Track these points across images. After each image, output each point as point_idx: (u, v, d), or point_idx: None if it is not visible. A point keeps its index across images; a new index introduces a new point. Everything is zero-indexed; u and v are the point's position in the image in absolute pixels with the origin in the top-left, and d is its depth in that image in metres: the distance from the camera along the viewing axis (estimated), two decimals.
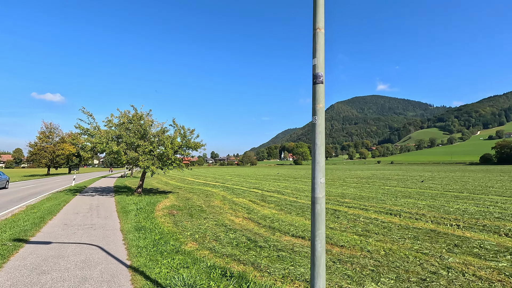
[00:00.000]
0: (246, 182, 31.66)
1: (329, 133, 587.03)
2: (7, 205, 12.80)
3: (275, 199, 16.79)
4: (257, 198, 17.04)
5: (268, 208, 13.60)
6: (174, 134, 17.45)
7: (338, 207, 13.44)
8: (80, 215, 10.14)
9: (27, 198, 16.12)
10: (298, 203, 14.87)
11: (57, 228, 7.99)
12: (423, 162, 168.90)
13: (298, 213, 12.11)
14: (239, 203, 15.30)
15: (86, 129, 15.76)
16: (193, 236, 7.61)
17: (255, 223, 10.05)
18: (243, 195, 18.58)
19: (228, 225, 9.46)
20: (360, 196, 17.53)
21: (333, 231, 8.86)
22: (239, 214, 11.89)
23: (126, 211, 11.10)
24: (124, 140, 15.53)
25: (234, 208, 13.42)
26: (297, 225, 9.68)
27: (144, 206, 12.56)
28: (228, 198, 17.41)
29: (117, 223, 8.89)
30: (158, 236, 7.15)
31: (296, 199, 16.83)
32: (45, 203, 13.15)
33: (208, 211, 12.57)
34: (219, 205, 14.69)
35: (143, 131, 16.02)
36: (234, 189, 23.11)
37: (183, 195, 18.80)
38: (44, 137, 62.56)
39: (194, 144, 17.88)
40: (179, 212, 11.93)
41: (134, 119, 16.21)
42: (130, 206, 12.31)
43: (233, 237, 7.76)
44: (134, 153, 15.23)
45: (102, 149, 14.74)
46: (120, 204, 13.32)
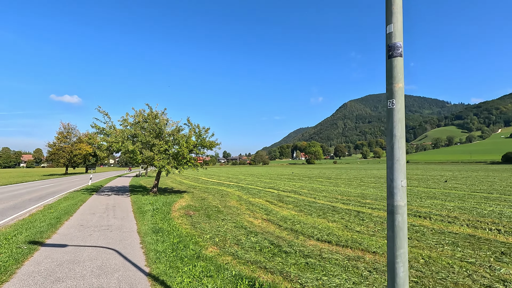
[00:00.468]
0: (261, 181, 31.19)
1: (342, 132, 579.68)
2: (26, 205, 12.82)
3: (292, 199, 16.23)
4: (274, 198, 16.54)
5: (287, 209, 13.07)
6: (189, 133, 17.17)
7: (361, 209, 12.77)
8: (96, 216, 9.94)
9: (45, 197, 16.21)
10: (317, 204, 14.26)
11: (73, 229, 7.76)
12: (441, 161, 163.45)
13: (319, 214, 11.53)
14: (256, 203, 14.84)
15: (102, 128, 15.68)
16: (213, 239, 7.19)
17: (275, 226, 9.55)
18: (259, 195, 18.12)
19: (248, 227, 9.01)
20: (382, 196, 16.72)
21: (361, 235, 8.25)
22: (258, 215, 11.43)
23: (142, 212, 10.83)
24: (139, 139, 15.35)
25: (252, 209, 12.96)
26: (320, 228, 9.11)
27: (160, 206, 12.28)
28: (244, 198, 16.98)
29: (133, 225, 8.60)
30: (177, 239, 6.77)
31: (314, 199, 16.22)
32: (62, 202, 13.11)
33: (225, 211, 12.17)
34: (235, 205, 14.28)
35: (158, 130, 15.79)
36: (249, 188, 22.68)
37: (198, 195, 18.52)
38: (62, 138, 64.16)
39: (209, 143, 17.55)
40: (195, 212, 11.58)
41: (149, 118, 16.02)
42: (146, 206, 12.06)
43: (255, 241, 7.29)
44: (150, 152, 15.01)
45: (117, 148, 14.59)
46: (136, 204, 13.12)
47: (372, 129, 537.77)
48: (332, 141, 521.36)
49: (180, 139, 16.02)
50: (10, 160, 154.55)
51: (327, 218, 10.82)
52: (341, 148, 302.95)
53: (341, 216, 11.13)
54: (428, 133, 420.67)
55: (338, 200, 15.74)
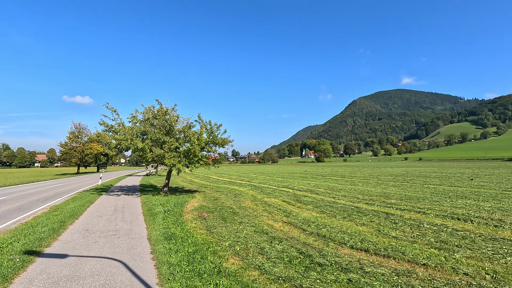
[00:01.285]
0: (273, 180, 30.24)
1: (352, 130, 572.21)
2: (32, 206, 12.23)
3: (310, 199, 15.24)
4: (290, 198, 15.57)
5: (307, 210, 12.10)
6: (200, 129, 16.33)
7: (389, 210, 11.68)
8: (103, 219, 9.19)
9: (53, 198, 15.68)
10: (338, 204, 13.24)
11: (77, 235, 6.99)
12: (455, 159, 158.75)
13: (344, 216, 10.52)
14: (272, 203, 13.91)
15: (111, 125, 15.00)
16: (233, 247, 6.29)
17: (299, 230, 8.60)
18: (274, 195, 17.18)
19: (269, 232, 8.08)
20: (407, 196, 15.54)
21: (400, 241, 7.22)
22: (277, 218, 10.50)
23: (153, 214, 10.04)
24: (149, 137, 14.61)
25: (269, 210, 12.04)
26: (350, 233, 8.12)
27: (172, 207, 11.48)
28: (258, 198, 16.07)
29: (143, 229, 7.79)
30: (192, 248, 5.90)
31: (333, 199, 15.19)
32: (70, 203, 12.47)
33: (241, 213, 11.28)
34: (251, 206, 13.39)
35: (169, 127, 15.00)
36: (263, 188, 21.77)
37: (210, 195, 17.72)
38: (74, 137, 64.63)
39: (221, 140, 16.68)
40: (210, 214, 10.73)
41: (159, 114, 15.24)
42: (157, 208, 11.28)
43: (280, 249, 6.36)
44: (160, 150, 14.23)
45: (126, 146, 13.89)
46: (146, 205, 12.37)
47: (383, 126, 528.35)
48: (342, 139, 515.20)
49: (191, 136, 15.20)
50: (25, 160, 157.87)
51: (354, 220, 9.81)
52: (351, 146, 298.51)
53: (369, 218, 10.10)
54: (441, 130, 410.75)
55: (360, 200, 14.67)
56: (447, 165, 76.32)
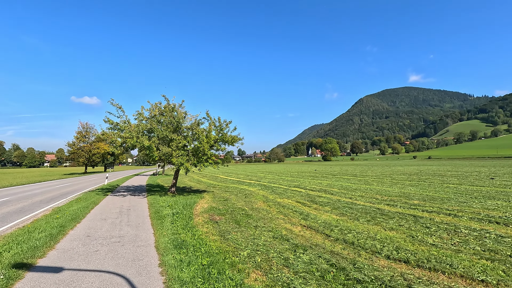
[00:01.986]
0: (282, 179, 29.37)
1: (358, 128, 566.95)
2: (34, 208, 11.62)
3: (326, 200, 14.35)
4: (304, 199, 14.71)
5: (325, 211, 11.22)
6: (209, 127, 15.54)
7: (414, 212, 10.75)
8: (107, 222, 8.47)
9: (57, 198, 15.10)
10: (358, 206, 12.33)
11: (77, 242, 6.26)
12: (465, 157, 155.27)
13: (367, 219, 9.62)
14: (285, 205, 13.07)
15: (116, 123, 14.32)
16: (253, 258, 5.47)
17: (321, 235, 7.73)
18: (286, 195, 16.33)
19: (290, 238, 7.24)
20: (430, 196, 14.54)
21: (441, 250, 6.31)
22: (294, 221, 9.65)
23: (160, 217, 9.29)
24: (156, 134, 13.89)
25: (284, 212, 11.19)
26: (380, 239, 7.23)
27: (181, 209, 10.73)
28: (270, 198, 15.24)
29: (150, 235, 7.02)
30: (207, 260, 5.10)
31: (351, 200, 14.27)
32: (73, 205, 11.82)
33: (255, 216, 10.46)
34: (263, 207, 12.57)
35: (176, 124, 14.25)
36: (273, 187, 20.93)
37: (220, 195, 16.96)
38: (81, 137, 64.68)
39: (231, 138, 15.88)
40: (221, 217, 9.94)
41: (166, 110, 14.50)
42: (165, 210, 10.53)
43: (307, 261, 5.52)
44: (167, 149, 13.50)
45: (132, 144, 13.19)
46: (153, 206, 11.64)
47: (390, 124, 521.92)
48: (348, 138, 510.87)
49: (200, 134, 14.43)
50: (35, 160, 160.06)
51: (381, 224, 8.90)
52: (358, 145, 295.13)
53: (397, 222, 9.18)
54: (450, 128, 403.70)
55: (379, 200, 13.73)
56: (459, 163, 74.35)
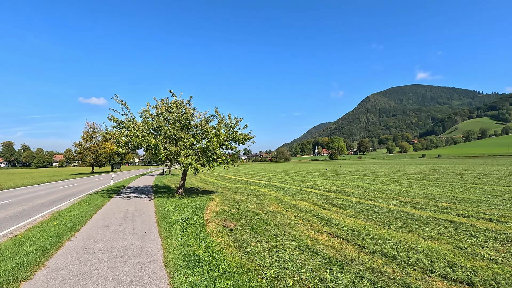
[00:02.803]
0: (292, 179, 28.33)
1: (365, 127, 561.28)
2: (33, 212, 10.82)
3: (345, 202, 13.30)
4: (321, 201, 13.68)
5: (348, 216, 10.18)
6: (218, 124, 14.59)
7: (449, 217, 9.64)
8: (110, 230, 7.58)
9: (60, 201, 14.34)
10: (382, 209, 11.26)
11: (72, 257, 5.36)
12: (475, 155, 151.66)
13: (399, 225, 8.56)
14: (302, 208, 12.07)
15: (120, 121, 13.48)
16: (283, 280, 4.49)
17: (353, 246, 6.71)
18: (301, 197, 15.32)
19: (318, 250, 6.24)
20: (459, 198, 13.37)
21: (503, 266, 5.25)
22: (317, 227, 8.65)
23: (169, 224, 8.37)
24: (163, 132, 13.00)
25: (303, 217, 10.19)
26: (424, 252, 6.18)
27: (190, 214, 9.80)
28: (284, 200, 14.25)
29: (158, 247, 6.10)
30: (227, 283, 4.14)
31: (372, 202, 13.20)
32: (75, 209, 10.98)
33: (272, 221, 9.48)
34: (279, 211, 11.58)
35: (184, 121, 13.34)
36: (285, 188, 19.92)
37: (230, 196, 16.02)
38: (88, 137, 64.58)
39: (242, 136, 14.92)
40: (236, 223, 8.98)
41: (173, 107, 13.60)
42: (173, 215, 9.62)
43: (349, 283, 4.52)
44: (175, 147, 12.59)
45: (138, 143, 12.32)
46: (160, 211, 10.74)
47: (397, 122, 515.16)
48: (355, 136, 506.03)
49: (209, 132, 13.49)
50: (44, 160, 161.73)
51: (417, 232, 7.84)
52: (365, 143, 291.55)
53: (434, 229, 8.11)
54: (459, 126, 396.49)
55: (404, 203, 12.63)
56: (471, 162, 72.14)
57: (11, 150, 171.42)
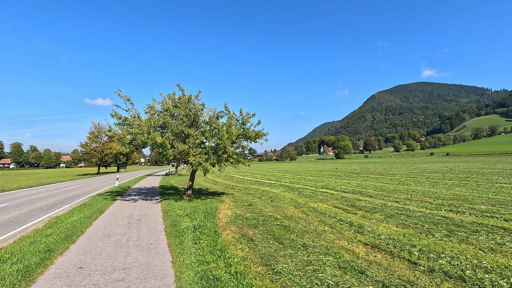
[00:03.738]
0: (304, 179, 27.14)
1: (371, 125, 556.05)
2: (29, 218, 9.84)
3: (369, 204, 12.12)
4: (342, 203, 12.51)
5: (378, 221, 9.00)
6: (228, 121, 13.45)
7: (498, 222, 8.43)
8: (111, 242, 6.52)
9: (60, 204, 13.40)
10: (414, 213, 10.07)
11: (61, 281, 4.25)
12: (485, 153, 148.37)
13: (444, 233, 7.37)
14: (323, 211, 10.92)
15: (124, 117, 12.45)
16: None
17: (402, 262, 5.53)
18: (318, 198, 14.16)
19: (363, 269, 5.07)
20: (495, 200, 12.09)
21: None
22: (348, 235, 7.49)
23: (179, 232, 7.29)
24: (170, 129, 11.93)
25: (328, 222, 9.03)
26: (496, 270, 5.00)
27: (202, 220, 8.72)
28: (301, 203, 13.11)
29: (168, 266, 4.99)
30: None
31: (398, 204, 12.00)
32: (74, 214, 9.97)
33: (294, 227, 8.34)
34: (298, 215, 10.44)
35: (193, 117, 12.25)
36: (298, 189, 18.76)
37: (241, 198, 14.93)
38: (94, 137, 64.18)
39: (254, 134, 13.80)
40: (255, 231, 7.86)
41: (181, 102, 12.52)
42: (183, 221, 8.53)
43: None
44: (184, 146, 11.50)
45: (143, 141, 11.29)
46: (168, 216, 9.67)
47: (403, 121, 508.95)
48: (360, 135, 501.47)
49: (220, 129, 12.38)
50: (51, 161, 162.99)
51: (470, 242, 6.64)
52: (371, 142, 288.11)
53: (489, 238, 6.90)
54: (467, 123, 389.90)
55: (436, 205, 11.40)
56: (485, 160, 69.90)
57: (19, 151, 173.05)
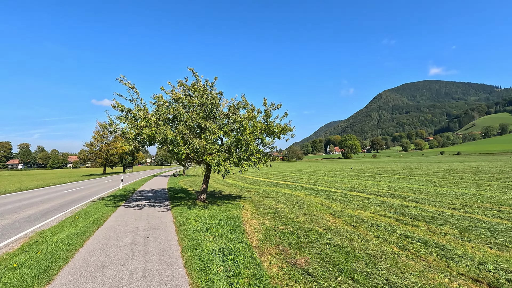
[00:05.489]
0: (322, 180, 24.90)
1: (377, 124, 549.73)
2: (4, 235, 7.79)
3: (422, 212, 9.92)
4: (389, 211, 10.32)
5: (457, 238, 6.82)
6: (248, 113, 11.21)
7: None
8: (105, 279, 4.44)
9: (53, 212, 11.43)
10: (496, 225, 7.85)
11: None
12: (498, 152, 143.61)
13: None
14: (372, 221, 8.76)
15: (128, 109, 10.42)
16: None
17: None
18: (355, 204, 11.96)
19: None
20: None
21: None
22: (435, 263, 5.34)
23: (203, 263, 5.14)
24: (184, 121, 9.81)
25: (391, 240, 6.86)
26: None
27: (229, 238, 6.60)
28: (336, 209, 10.93)
29: None
30: None
31: (456, 211, 9.80)
32: (64, 228, 7.91)
33: (352, 249, 6.19)
34: (343, 227, 8.28)
35: (211, 106, 10.15)
36: (323, 191, 16.57)
37: (262, 203, 12.82)
38: (99, 137, 62.80)
39: (280, 128, 11.63)
40: (303, 255, 5.73)
41: (195, 89, 10.42)
42: (205, 241, 6.41)
43: None
44: (200, 141, 9.39)
45: (150, 136, 9.26)
46: (184, 231, 7.54)
47: (411, 119, 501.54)
48: (367, 134, 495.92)
49: (242, 121, 10.23)
50: (58, 161, 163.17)
51: None
52: (378, 141, 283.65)
53: None
54: (476, 122, 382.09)
55: (507, 214, 9.15)
56: (504, 158, 66.60)
57: (27, 151, 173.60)
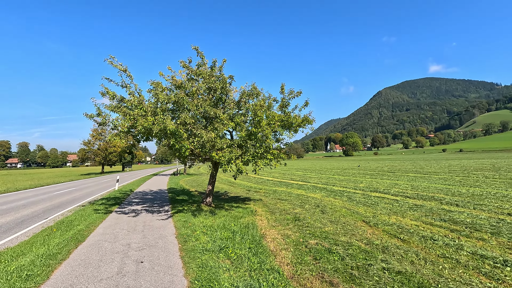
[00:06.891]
0: (334, 179, 23.16)
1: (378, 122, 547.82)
2: None
3: (475, 219, 8.19)
4: (432, 217, 8.62)
5: None
6: (259, 101, 9.33)
7: None
8: None
9: (31, 220, 9.66)
10: None
11: None
12: (500, 149, 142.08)
13: None
14: (421, 233, 7.03)
15: (121, 96, 8.65)
16: None
17: None
18: (385, 208, 10.22)
19: None
20: None
21: None
22: None
23: None
24: (188, 109, 8.01)
25: (463, 262, 5.12)
26: None
27: (252, 264, 4.87)
28: (367, 215, 9.19)
29: None
30: None
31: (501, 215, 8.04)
32: (32, 248, 6.03)
33: (422, 279, 4.45)
34: (389, 240, 6.55)
35: (221, 91, 8.35)
36: (342, 192, 14.82)
37: (277, 207, 11.07)
38: (97, 134, 61.14)
39: (301, 120, 9.83)
40: None
41: (202, 72, 8.61)
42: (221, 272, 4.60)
43: None
44: (209, 134, 7.57)
45: (146, 128, 7.46)
46: (191, 255, 5.73)
47: (411, 117, 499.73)
48: (367, 132, 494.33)
49: (257, 111, 8.44)
50: (58, 160, 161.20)
51: None
52: (379, 139, 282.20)
53: None
54: (477, 119, 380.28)
55: None
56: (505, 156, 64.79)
57: (26, 150, 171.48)
